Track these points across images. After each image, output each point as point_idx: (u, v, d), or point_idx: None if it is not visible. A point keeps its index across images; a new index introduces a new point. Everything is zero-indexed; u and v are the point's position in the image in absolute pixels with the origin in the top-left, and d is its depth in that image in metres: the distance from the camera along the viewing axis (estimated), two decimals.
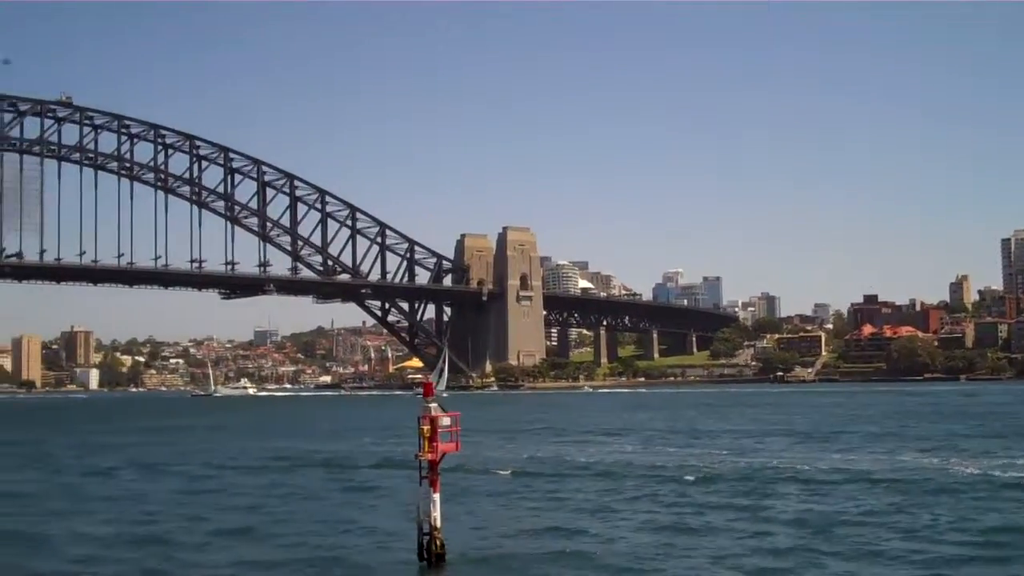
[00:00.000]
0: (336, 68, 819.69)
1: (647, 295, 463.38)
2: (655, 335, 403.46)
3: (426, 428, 29.26)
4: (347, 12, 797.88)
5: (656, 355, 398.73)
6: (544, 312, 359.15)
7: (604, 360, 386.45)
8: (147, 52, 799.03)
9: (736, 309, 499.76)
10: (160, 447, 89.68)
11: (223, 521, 42.18)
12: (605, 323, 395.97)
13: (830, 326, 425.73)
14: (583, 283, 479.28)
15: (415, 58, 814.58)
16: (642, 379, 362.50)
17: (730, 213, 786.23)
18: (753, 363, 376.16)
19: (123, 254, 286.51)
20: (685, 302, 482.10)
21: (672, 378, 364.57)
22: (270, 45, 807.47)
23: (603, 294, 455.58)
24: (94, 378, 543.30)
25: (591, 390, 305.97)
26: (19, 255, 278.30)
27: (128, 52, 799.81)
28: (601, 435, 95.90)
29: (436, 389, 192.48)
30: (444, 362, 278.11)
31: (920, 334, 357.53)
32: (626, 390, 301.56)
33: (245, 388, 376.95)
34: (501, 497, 48.62)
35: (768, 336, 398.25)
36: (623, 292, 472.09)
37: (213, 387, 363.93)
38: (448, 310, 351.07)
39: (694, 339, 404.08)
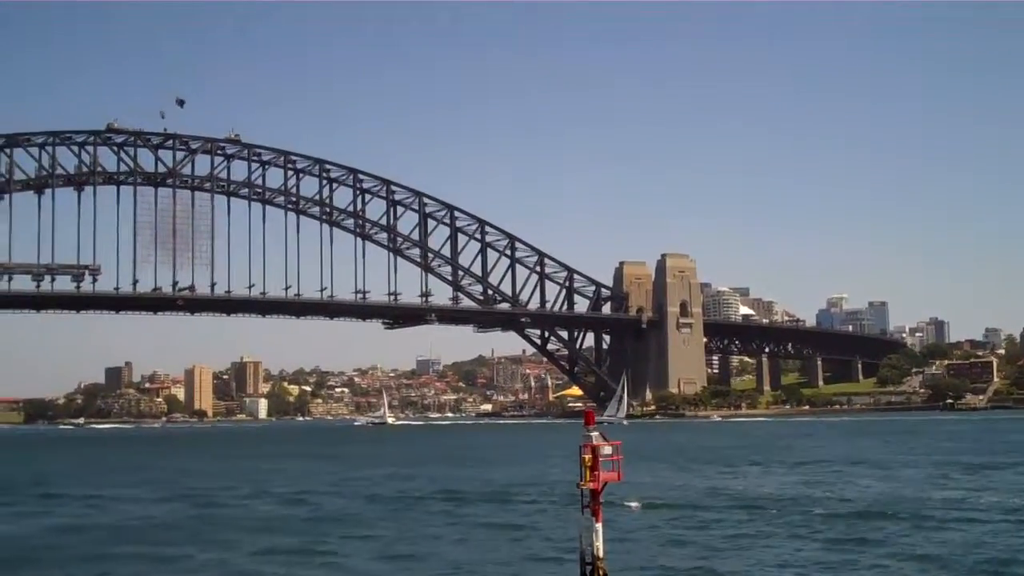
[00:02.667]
0: (490, 102, 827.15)
1: (810, 321, 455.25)
2: (819, 362, 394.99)
3: (587, 457, 29.51)
4: (500, 53, 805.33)
5: (820, 382, 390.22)
6: (705, 339, 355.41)
7: (767, 388, 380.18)
8: (309, 90, 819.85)
9: (903, 335, 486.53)
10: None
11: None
12: (767, 350, 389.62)
13: (1002, 351, 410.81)
14: (744, 309, 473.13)
15: (566, 86, 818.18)
16: (806, 407, 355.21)
17: (895, 237, 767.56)
18: (921, 390, 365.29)
19: (290, 286, 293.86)
20: (850, 328, 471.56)
21: (837, 406, 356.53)
22: (424, 82, 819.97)
23: (765, 320, 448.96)
24: (263, 407, 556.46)
25: (749, 419, 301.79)
26: (191, 288, 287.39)
27: (292, 90, 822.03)
28: (762, 464, 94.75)
29: (616, 417, 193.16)
30: (623, 390, 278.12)
31: None
32: (796, 418, 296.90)
33: (383, 419, 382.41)
34: (652, 528, 48.54)
35: (937, 362, 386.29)
36: (785, 318, 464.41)
37: (386, 416, 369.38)
38: (607, 338, 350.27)
39: (860, 366, 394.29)
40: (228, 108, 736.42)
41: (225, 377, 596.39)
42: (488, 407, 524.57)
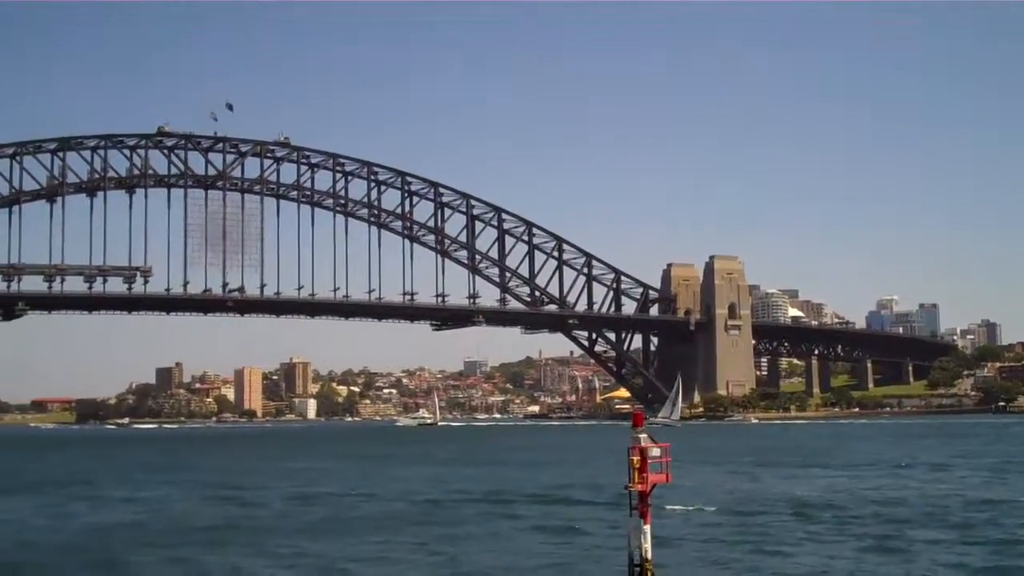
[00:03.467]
0: (539, 105, 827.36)
1: (860, 323, 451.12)
2: (869, 364, 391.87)
3: (635, 459, 29.52)
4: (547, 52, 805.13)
5: (871, 385, 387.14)
6: (753, 341, 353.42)
7: (816, 390, 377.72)
8: (358, 92, 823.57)
9: (954, 337, 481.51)
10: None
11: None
12: (817, 352, 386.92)
13: None
14: (793, 311, 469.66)
15: (615, 90, 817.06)
16: (856, 409, 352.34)
17: (946, 239, 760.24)
18: (973, 393, 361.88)
19: (339, 288, 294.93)
20: (900, 330, 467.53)
21: (888, 409, 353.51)
22: (473, 85, 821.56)
23: (814, 323, 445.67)
24: (311, 408, 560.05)
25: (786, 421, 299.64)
26: (241, 290, 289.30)
27: (341, 93, 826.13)
28: (812, 466, 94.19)
29: (670, 419, 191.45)
30: (677, 392, 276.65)
31: None
32: (846, 421, 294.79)
33: (425, 419, 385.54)
34: (699, 530, 48.40)
35: (989, 365, 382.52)
36: (835, 320, 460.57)
37: (439, 416, 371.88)
38: (655, 340, 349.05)
39: (910, 368, 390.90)
40: (278, 111, 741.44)
41: (274, 377, 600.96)
42: (535, 409, 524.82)
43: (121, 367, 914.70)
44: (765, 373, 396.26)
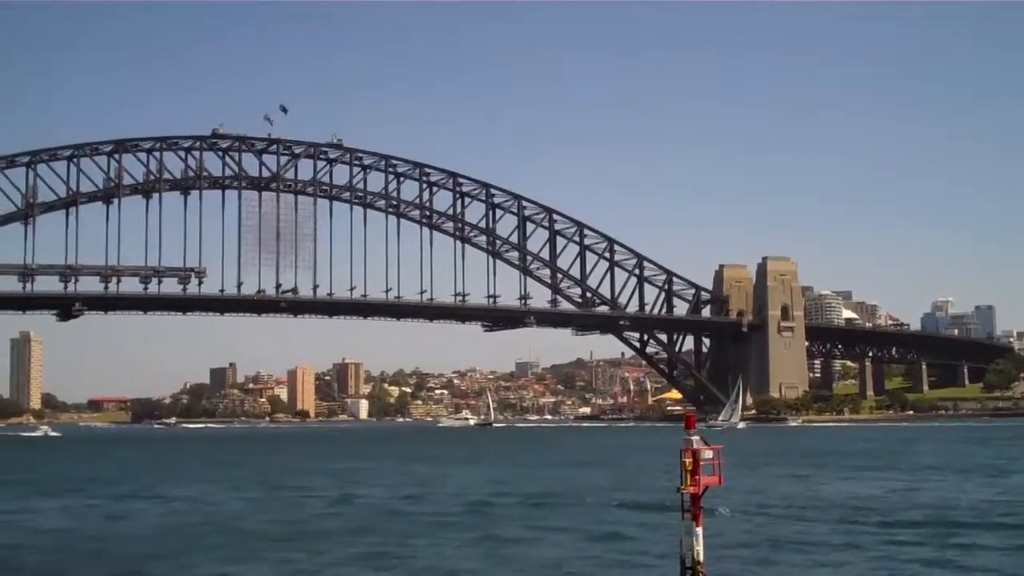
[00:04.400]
0: (589, 107, 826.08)
1: (915, 325, 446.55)
2: (924, 367, 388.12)
3: (688, 461, 29.40)
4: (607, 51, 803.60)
5: (925, 388, 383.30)
6: (806, 343, 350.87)
7: (870, 393, 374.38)
8: (410, 93, 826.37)
9: (1011, 339, 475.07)
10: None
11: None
12: (871, 354, 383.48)
13: None
14: (847, 313, 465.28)
15: (665, 91, 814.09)
16: (911, 412, 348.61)
17: (1000, 240, 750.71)
18: None
19: (391, 288, 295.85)
20: (956, 332, 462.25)
21: (943, 411, 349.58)
22: (527, 85, 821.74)
23: (868, 324, 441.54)
24: (363, 408, 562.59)
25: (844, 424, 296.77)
26: (294, 291, 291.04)
27: (394, 94, 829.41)
28: (864, 468, 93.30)
29: (730, 421, 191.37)
30: (738, 394, 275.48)
31: None
32: (900, 423, 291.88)
33: (467, 420, 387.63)
34: (747, 534, 48.10)
35: None
36: (889, 322, 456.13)
37: (493, 418, 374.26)
38: (707, 341, 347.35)
39: (966, 371, 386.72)
40: (331, 112, 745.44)
41: (327, 378, 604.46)
42: (587, 410, 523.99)
43: (176, 367, 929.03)
44: (818, 375, 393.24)
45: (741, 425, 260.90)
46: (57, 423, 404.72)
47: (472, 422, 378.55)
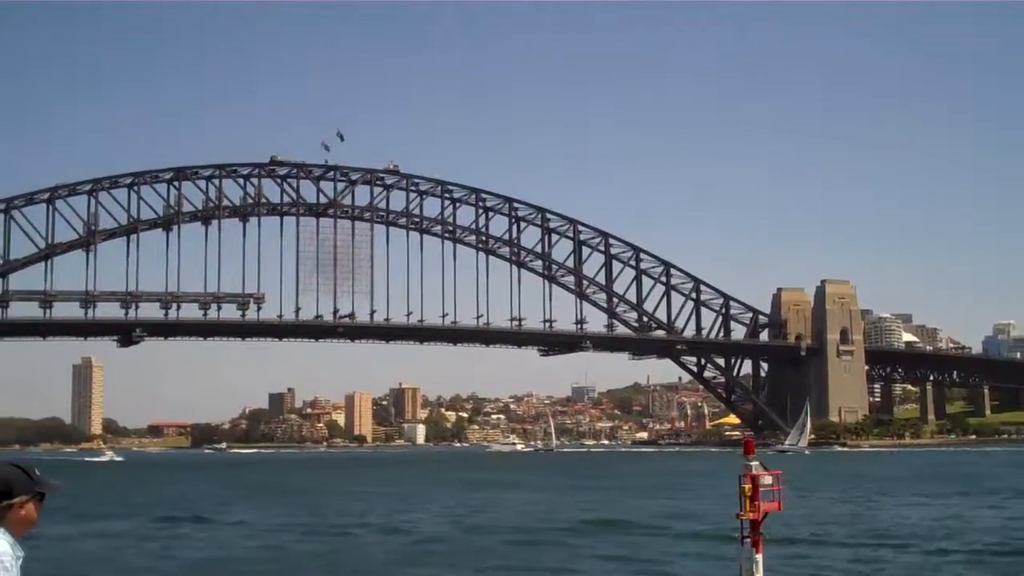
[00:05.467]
0: (646, 128, 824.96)
1: (976, 348, 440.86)
2: (986, 390, 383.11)
3: (747, 487, 29.07)
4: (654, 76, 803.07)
5: (987, 411, 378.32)
6: (866, 367, 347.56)
7: (931, 417, 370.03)
8: (464, 119, 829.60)
9: None
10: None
11: None
12: (932, 378, 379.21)
13: None
14: (907, 336, 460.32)
15: (728, 114, 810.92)
16: (973, 436, 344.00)
17: None
18: None
19: (447, 313, 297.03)
20: (1018, 355, 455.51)
21: (1006, 435, 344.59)
22: (579, 109, 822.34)
23: (929, 348, 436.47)
24: (420, 433, 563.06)
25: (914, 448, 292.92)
26: (351, 316, 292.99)
27: (448, 119, 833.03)
28: (929, 495, 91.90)
29: (797, 446, 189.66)
30: (805, 418, 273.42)
31: None
32: (963, 448, 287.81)
33: (514, 445, 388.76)
34: (804, 560, 47.45)
35: None
36: (950, 345, 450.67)
37: (555, 443, 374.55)
38: (765, 366, 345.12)
39: None
40: (387, 139, 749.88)
41: (384, 403, 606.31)
42: (644, 435, 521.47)
43: (235, 392, 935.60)
44: (878, 399, 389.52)
45: (808, 451, 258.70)
46: (118, 447, 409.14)
47: (519, 447, 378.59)
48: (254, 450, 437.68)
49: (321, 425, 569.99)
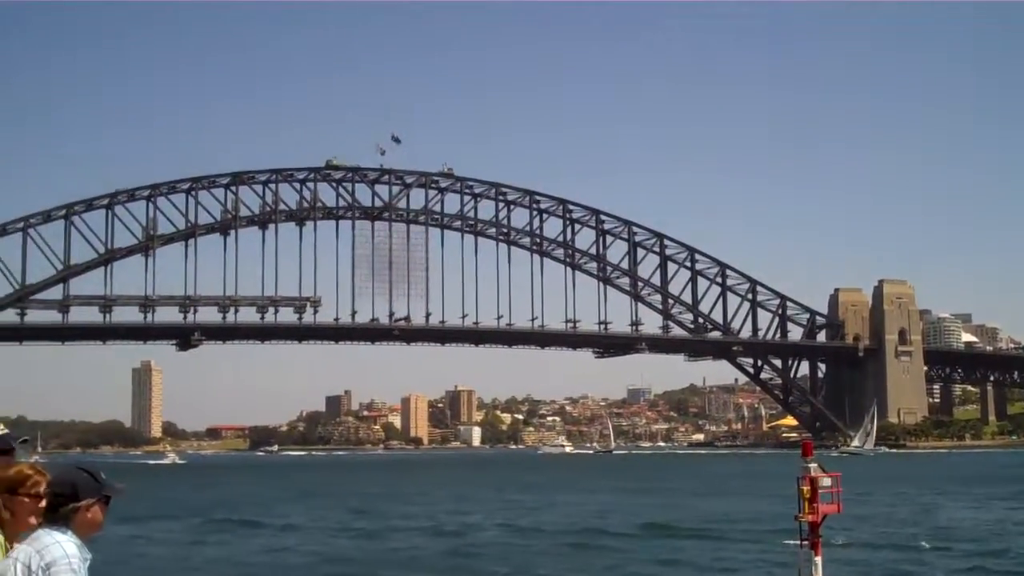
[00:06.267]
0: (700, 130, 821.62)
1: None
2: None
3: (806, 489, 28.88)
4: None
5: None
6: (925, 368, 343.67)
7: (992, 418, 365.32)
8: (518, 122, 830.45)
9: None
10: None
11: None
12: (992, 379, 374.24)
13: None
14: (966, 336, 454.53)
15: (771, 117, 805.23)
16: None
17: None
18: None
19: (502, 316, 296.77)
20: None
21: None
22: (635, 111, 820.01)
23: (989, 348, 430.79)
24: (476, 435, 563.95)
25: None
26: (407, 319, 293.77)
27: (503, 125, 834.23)
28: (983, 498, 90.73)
29: (863, 448, 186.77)
30: (872, 420, 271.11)
31: None
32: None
33: (563, 447, 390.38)
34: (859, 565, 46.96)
35: None
36: (1010, 345, 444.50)
37: (613, 445, 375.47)
38: (822, 367, 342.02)
39: None
40: (441, 142, 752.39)
41: (440, 405, 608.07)
42: (700, 437, 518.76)
43: (292, 395, 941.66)
44: (937, 400, 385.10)
45: (872, 453, 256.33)
46: (178, 450, 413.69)
47: (568, 449, 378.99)
48: (304, 452, 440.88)
49: (377, 427, 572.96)
